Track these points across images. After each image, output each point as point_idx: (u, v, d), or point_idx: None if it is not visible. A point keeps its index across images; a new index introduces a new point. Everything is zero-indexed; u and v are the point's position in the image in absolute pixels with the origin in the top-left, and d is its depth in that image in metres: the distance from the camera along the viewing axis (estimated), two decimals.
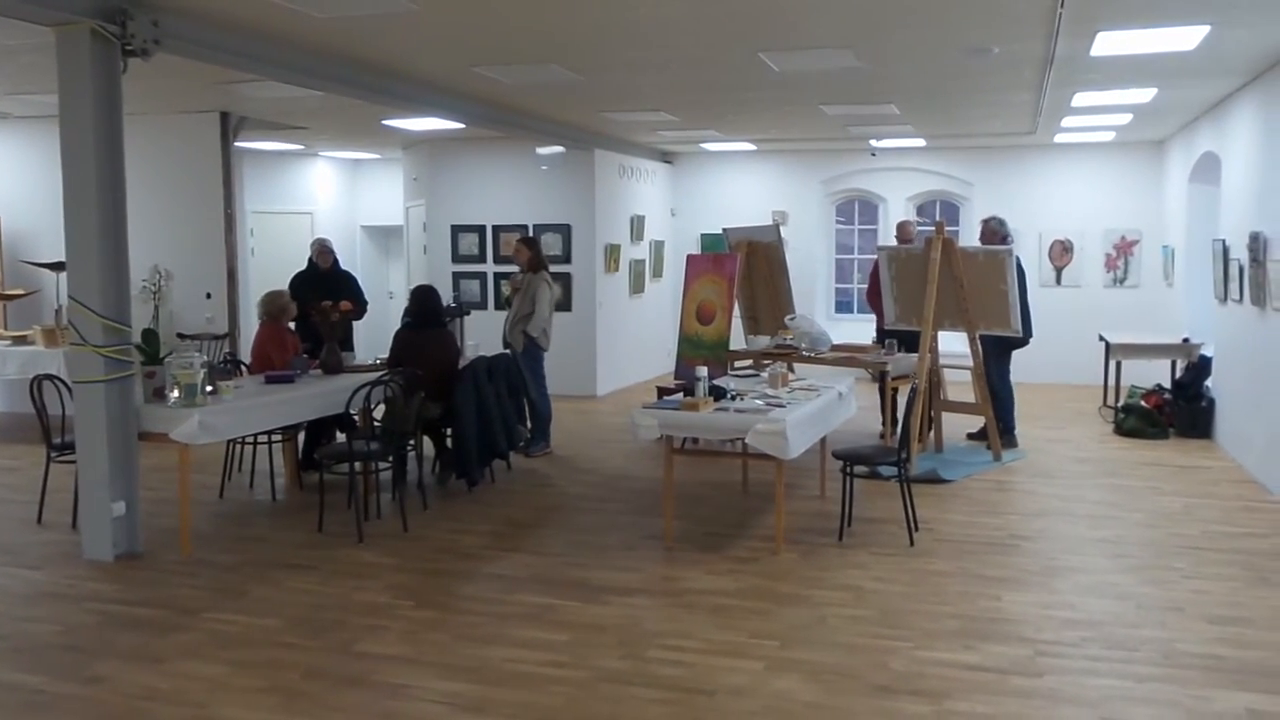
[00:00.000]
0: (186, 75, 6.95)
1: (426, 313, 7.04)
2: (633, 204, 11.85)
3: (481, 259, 11.23)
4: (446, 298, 9.49)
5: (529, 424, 7.68)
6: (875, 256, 9.47)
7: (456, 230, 11.28)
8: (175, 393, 5.51)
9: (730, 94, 8.10)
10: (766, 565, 5.29)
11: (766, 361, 7.63)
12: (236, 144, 9.43)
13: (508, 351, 7.67)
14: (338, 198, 13.55)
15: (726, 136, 11.17)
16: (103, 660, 4.15)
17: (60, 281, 9.02)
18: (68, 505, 5.96)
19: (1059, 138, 10.94)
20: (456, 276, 11.23)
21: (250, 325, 8.56)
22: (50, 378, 6.16)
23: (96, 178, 5.25)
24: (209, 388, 5.70)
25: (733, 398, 5.81)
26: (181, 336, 9.13)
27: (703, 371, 5.73)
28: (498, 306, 10.83)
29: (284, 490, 6.96)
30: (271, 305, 7.03)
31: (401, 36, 6.06)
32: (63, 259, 8.84)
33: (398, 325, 7.29)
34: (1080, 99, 8.21)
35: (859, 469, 5.75)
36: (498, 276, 11.05)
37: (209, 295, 9.21)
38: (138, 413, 5.46)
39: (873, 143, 11.58)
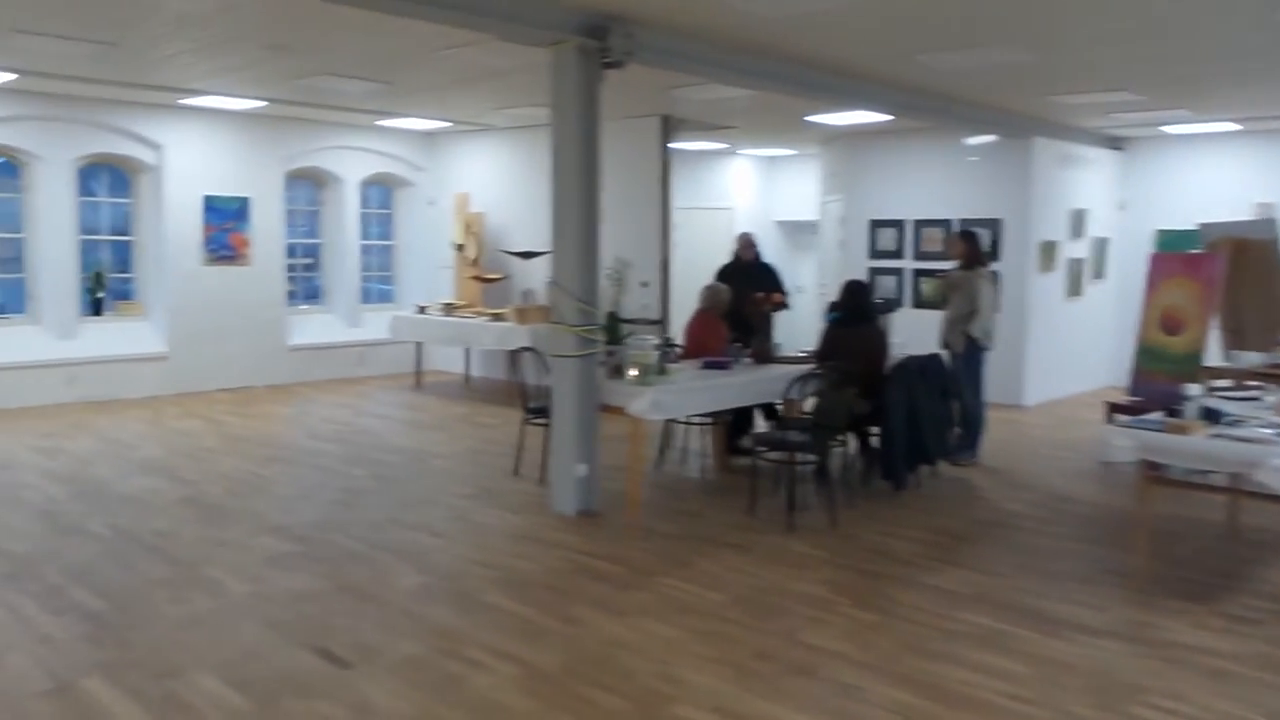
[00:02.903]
0: (638, 84, 7.50)
1: (857, 307, 6.96)
2: (1073, 196, 10.84)
3: (899, 255, 10.98)
4: None
5: (959, 430, 7.33)
6: None
7: (875, 225, 11.13)
8: (633, 371, 6.03)
9: (1218, 64, 7.07)
10: (1277, 631, 4.51)
11: (1253, 383, 6.55)
12: (671, 145, 10.09)
13: (940, 353, 7.33)
14: (754, 193, 14.04)
15: (1200, 116, 9.72)
16: (576, 604, 4.63)
17: (527, 269, 10.31)
18: (535, 461, 6.80)
19: None
20: (873, 272, 11.06)
21: (679, 313, 9.10)
22: (527, 350, 7.03)
23: (579, 179, 5.94)
24: (660, 369, 6.15)
25: (1231, 423, 4.94)
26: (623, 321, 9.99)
27: (1194, 390, 5.02)
28: (916, 304, 10.56)
29: (710, 471, 7.33)
30: (714, 298, 7.40)
31: (842, 28, 6.10)
32: (530, 249, 10.06)
33: (809, 317, 7.31)
34: None
35: None
36: (916, 274, 10.76)
37: (645, 284, 9.97)
38: (600, 387, 6.05)
39: None
